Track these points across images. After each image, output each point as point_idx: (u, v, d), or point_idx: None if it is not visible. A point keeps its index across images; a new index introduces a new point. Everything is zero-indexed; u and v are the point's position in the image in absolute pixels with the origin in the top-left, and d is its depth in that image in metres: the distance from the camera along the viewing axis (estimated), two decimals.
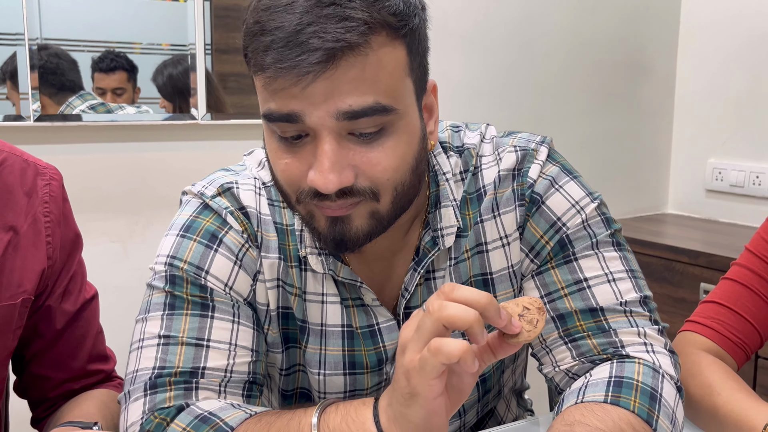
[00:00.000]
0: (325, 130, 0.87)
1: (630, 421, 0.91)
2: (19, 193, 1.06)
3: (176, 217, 1.07)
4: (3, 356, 1.04)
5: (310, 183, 0.89)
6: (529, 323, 0.79)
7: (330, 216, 0.92)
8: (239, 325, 1.02)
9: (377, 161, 0.90)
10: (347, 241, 0.94)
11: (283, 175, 0.92)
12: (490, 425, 1.28)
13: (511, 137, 1.11)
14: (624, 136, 2.92)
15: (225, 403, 0.95)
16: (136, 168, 2.02)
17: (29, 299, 1.05)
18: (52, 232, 1.08)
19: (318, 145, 0.87)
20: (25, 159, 1.09)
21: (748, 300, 1.19)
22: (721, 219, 2.90)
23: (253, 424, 0.91)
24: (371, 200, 0.92)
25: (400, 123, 0.91)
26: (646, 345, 1.01)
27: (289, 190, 0.93)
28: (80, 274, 1.15)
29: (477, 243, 1.07)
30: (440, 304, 0.75)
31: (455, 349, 0.73)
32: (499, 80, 2.58)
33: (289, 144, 0.90)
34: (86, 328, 1.15)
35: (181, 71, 2.00)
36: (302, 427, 0.86)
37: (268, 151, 0.95)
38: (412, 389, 0.77)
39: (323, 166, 0.87)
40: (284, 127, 0.89)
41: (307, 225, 0.98)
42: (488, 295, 0.76)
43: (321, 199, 0.90)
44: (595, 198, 1.07)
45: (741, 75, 2.78)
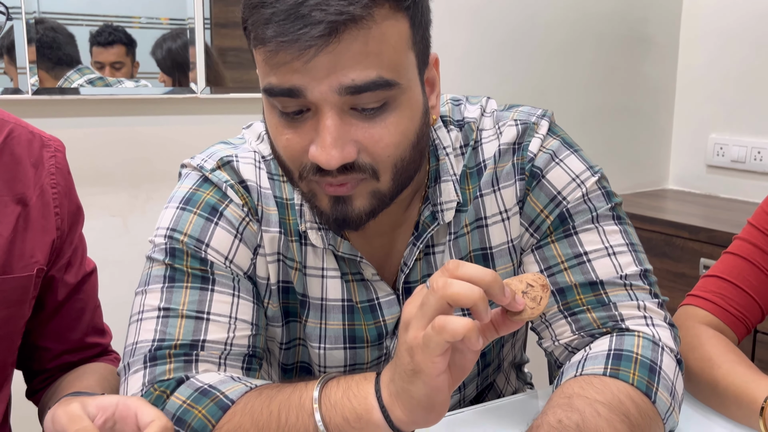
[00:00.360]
0: (327, 105, 0.86)
1: (629, 393, 0.91)
2: (27, 165, 1.06)
3: (176, 189, 1.07)
4: (20, 325, 1.05)
5: (312, 158, 0.88)
6: (533, 300, 0.78)
7: (332, 195, 0.92)
8: (239, 298, 1.01)
9: (379, 137, 0.89)
10: (349, 220, 0.93)
11: (285, 151, 0.91)
12: (489, 398, 1.29)
13: (512, 111, 1.10)
14: (625, 110, 2.91)
15: (225, 376, 0.96)
16: (135, 142, 2.02)
17: (43, 270, 1.06)
18: (59, 203, 1.08)
19: (320, 120, 0.87)
20: (31, 130, 1.09)
21: (750, 274, 1.19)
22: (721, 194, 2.90)
23: (254, 397, 0.91)
24: (372, 178, 0.91)
25: (403, 98, 0.90)
26: (646, 318, 1.01)
27: (292, 166, 0.93)
28: (81, 247, 1.16)
29: (477, 218, 1.07)
30: (444, 281, 0.75)
31: (460, 327, 0.73)
32: (501, 53, 2.57)
33: (290, 119, 0.89)
34: (85, 301, 1.16)
35: (180, 45, 1.99)
36: (303, 401, 0.86)
37: (269, 127, 0.94)
38: (416, 366, 0.76)
39: (325, 141, 0.86)
40: (285, 102, 0.88)
41: (308, 202, 0.98)
42: (492, 272, 0.75)
43: (323, 175, 0.89)
44: (595, 172, 1.06)
45: (743, 50, 2.77)
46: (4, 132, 1.05)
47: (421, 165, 0.99)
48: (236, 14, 1.99)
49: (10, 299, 1.02)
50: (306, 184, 0.93)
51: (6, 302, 1.01)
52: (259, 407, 0.89)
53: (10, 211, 1.03)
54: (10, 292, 1.01)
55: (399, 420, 0.80)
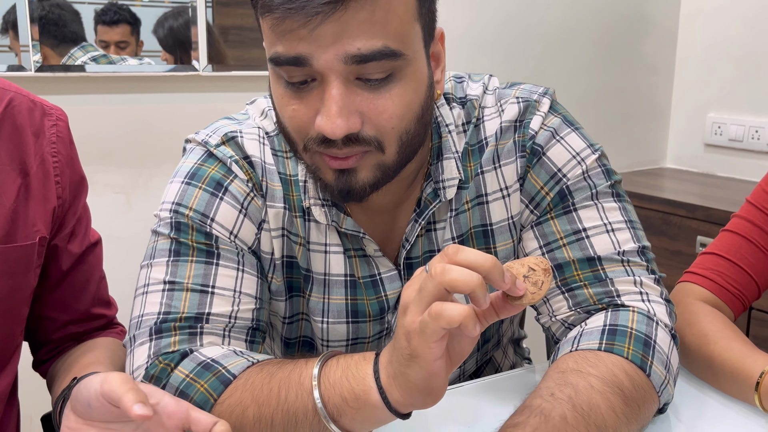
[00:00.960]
0: (333, 74, 0.86)
1: (624, 367, 0.92)
2: (28, 134, 1.06)
3: (180, 164, 1.07)
4: (26, 294, 1.06)
5: (317, 128, 0.88)
6: (534, 285, 0.76)
7: (336, 169, 0.92)
8: (243, 273, 1.02)
9: (383, 108, 0.89)
10: (354, 192, 0.94)
11: (291, 121, 0.91)
12: (487, 372, 1.30)
13: (514, 88, 1.10)
14: (624, 89, 2.91)
15: (228, 350, 0.96)
16: (138, 119, 2.02)
17: (45, 238, 1.06)
18: (60, 172, 1.08)
19: (325, 90, 0.87)
20: (32, 99, 1.08)
21: (747, 252, 1.19)
22: (719, 173, 2.90)
23: (255, 373, 0.91)
24: (377, 151, 0.91)
25: (408, 69, 0.90)
26: (642, 294, 1.02)
27: (296, 138, 0.93)
28: (86, 218, 1.16)
29: (477, 194, 1.08)
30: (443, 267, 0.73)
31: (456, 314, 0.71)
32: (501, 32, 2.56)
33: (296, 89, 0.89)
34: (90, 272, 1.16)
35: (181, 23, 1.98)
36: (303, 379, 0.86)
37: (275, 98, 0.94)
38: (413, 351, 0.75)
39: (331, 110, 0.86)
40: (291, 71, 0.87)
41: (313, 175, 0.98)
42: (492, 258, 0.73)
43: (327, 146, 0.90)
44: (596, 149, 1.07)
45: (742, 30, 2.76)
46: (5, 101, 1.04)
47: (425, 139, 1.00)
48: None
49: (15, 268, 1.02)
50: (310, 156, 0.93)
51: (10, 271, 1.01)
52: (259, 383, 0.90)
53: (12, 180, 1.02)
54: (14, 262, 1.01)
55: (396, 402, 0.79)
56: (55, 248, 1.10)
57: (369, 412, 0.81)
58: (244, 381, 0.91)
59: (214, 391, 0.91)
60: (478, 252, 0.73)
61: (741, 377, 1.02)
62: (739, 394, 1.04)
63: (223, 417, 0.90)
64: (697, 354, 1.10)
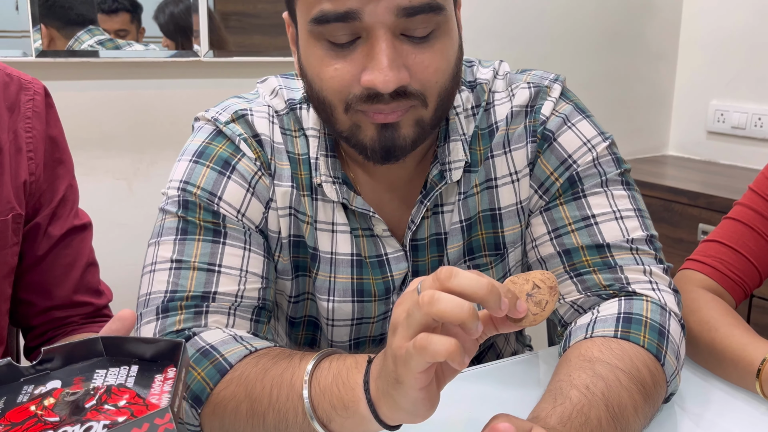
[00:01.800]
0: (382, 29, 0.87)
1: (644, 359, 0.92)
2: (2, 108, 1.04)
3: (188, 142, 1.08)
4: (5, 272, 1.04)
5: (366, 84, 0.89)
6: (537, 305, 0.72)
7: (379, 124, 0.93)
8: (250, 252, 1.03)
9: (429, 63, 0.91)
10: (395, 148, 0.94)
11: (332, 81, 0.91)
12: (488, 358, 1.31)
13: (525, 74, 1.11)
14: (627, 77, 2.90)
15: (227, 335, 0.96)
16: (139, 105, 2.02)
17: (20, 215, 1.04)
18: (34, 147, 1.06)
19: (374, 45, 0.88)
20: (8, 73, 1.07)
21: (749, 239, 1.20)
22: (721, 161, 2.90)
23: (251, 366, 0.91)
24: (420, 106, 0.93)
25: (447, 26, 0.92)
26: (652, 283, 1.02)
27: (337, 99, 0.93)
28: (71, 200, 1.14)
29: (487, 178, 1.08)
30: (431, 296, 0.67)
31: (442, 349, 0.66)
32: (505, 19, 2.56)
33: (338, 49, 0.90)
34: (74, 256, 1.14)
35: (182, 9, 1.98)
36: (294, 381, 0.85)
37: (310, 64, 0.94)
38: (398, 376, 0.71)
39: (382, 63, 0.87)
40: (336, 30, 0.88)
41: (349, 139, 0.97)
42: (489, 282, 0.68)
43: (374, 102, 0.90)
44: (606, 137, 1.08)
45: (745, 17, 2.75)
46: None
47: (453, 100, 1.01)
48: None
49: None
50: (350, 116, 0.93)
51: None
52: (253, 379, 0.90)
53: None
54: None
55: (385, 416, 0.77)
56: (35, 228, 1.08)
57: (358, 421, 0.79)
58: (240, 373, 0.91)
59: (211, 380, 0.91)
60: (472, 277, 0.68)
61: (742, 364, 1.03)
62: (741, 381, 1.04)
63: (218, 408, 0.91)
64: (699, 341, 1.10)
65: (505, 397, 1.03)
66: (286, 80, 1.12)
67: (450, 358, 0.66)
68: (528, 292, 0.72)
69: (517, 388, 1.05)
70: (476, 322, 0.67)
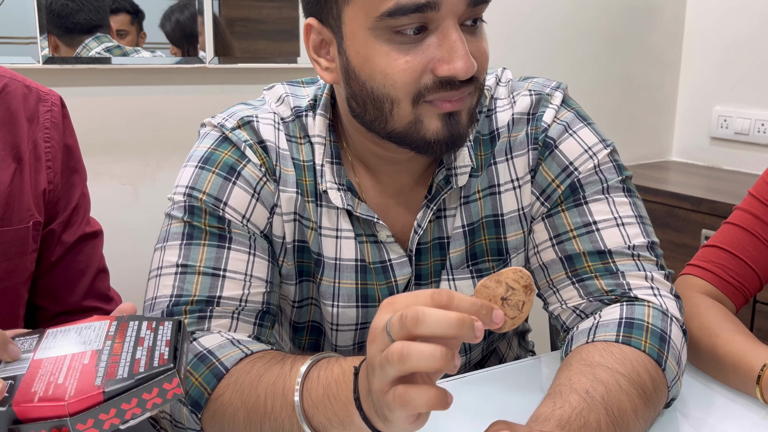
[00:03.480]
0: (452, 18, 0.90)
1: (645, 364, 0.93)
2: (22, 119, 1.06)
3: (195, 148, 1.09)
4: (24, 278, 1.07)
5: (446, 72, 0.91)
6: (514, 308, 0.69)
7: (445, 113, 0.94)
8: (255, 256, 1.04)
9: (484, 50, 0.96)
10: (456, 137, 0.97)
11: (403, 74, 0.92)
12: (491, 362, 1.31)
13: (527, 81, 1.13)
14: (631, 82, 2.91)
15: (224, 339, 0.97)
16: (145, 111, 2.03)
17: (39, 222, 1.06)
18: (52, 157, 1.09)
19: (448, 34, 0.91)
20: (27, 84, 1.09)
21: (749, 244, 1.20)
22: (724, 166, 2.90)
23: (245, 371, 0.92)
24: (474, 92, 0.97)
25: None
26: (653, 289, 1.03)
27: (404, 92, 0.93)
28: (84, 208, 1.16)
29: (490, 184, 1.09)
30: (401, 352, 0.65)
31: (422, 404, 0.66)
32: (508, 24, 2.56)
33: (407, 41, 0.91)
34: (86, 263, 1.16)
35: (187, 16, 1.99)
36: (286, 391, 0.86)
37: (371, 61, 0.94)
38: (385, 416, 0.71)
39: (460, 51, 0.90)
40: (410, 20, 0.90)
41: (405, 137, 0.97)
42: (458, 318, 0.65)
43: (448, 89, 0.93)
44: (608, 145, 1.09)
45: (748, 24, 2.75)
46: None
47: None
48: None
49: (11, 251, 1.03)
50: (416, 110, 0.94)
51: (8, 253, 1.03)
52: (248, 386, 0.90)
53: (6, 165, 1.03)
54: (10, 244, 1.03)
55: (381, 428, 0.75)
56: (50, 234, 1.10)
57: (356, 430, 0.78)
58: (235, 379, 0.92)
59: (208, 385, 0.92)
60: (440, 315, 0.65)
61: (743, 370, 1.03)
62: (741, 387, 1.04)
63: (218, 414, 0.92)
64: (699, 346, 1.10)
65: (508, 402, 1.03)
66: (292, 87, 1.13)
67: (433, 408, 0.66)
68: (502, 296, 0.69)
69: (519, 392, 1.06)
70: (451, 362, 0.65)
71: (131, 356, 0.71)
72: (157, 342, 0.74)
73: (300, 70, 2.17)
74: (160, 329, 0.77)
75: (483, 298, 0.69)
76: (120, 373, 0.68)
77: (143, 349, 0.72)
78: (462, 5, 0.90)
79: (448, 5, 0.89)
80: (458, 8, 0.90)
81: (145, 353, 0.72)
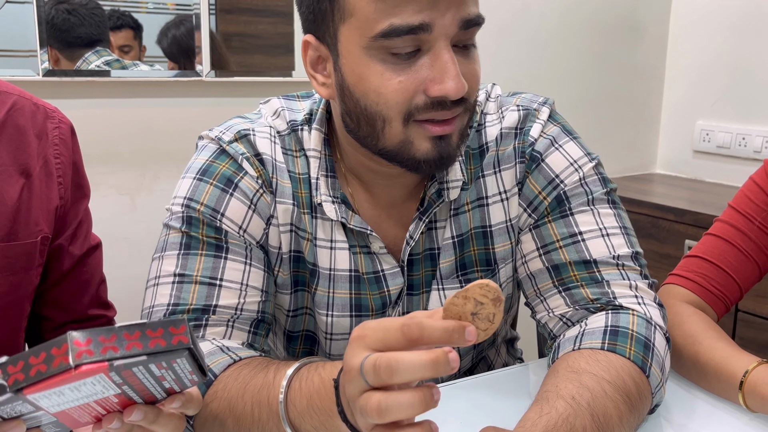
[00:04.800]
0: (445, 40, 0.92)
1: (630, 371, 0.94)
2: (31, 136, 1.07)
3: (192, 160, 1.10)
4: (28, 291, 1.07)
5: (438, 93, 0.92)
6: (485, 320, 0.67)
7: (435, 135, 0.95)
8: (251, 266, 1.05)
9: (475, 71, 0.97)
10: (446, 158, 0.98)
11: (396, 94, 0.93)
12: (480, 369, 1.32)
13: (515, 97, 1.15)
14: (616, 97, 2.92)
15: (214, 347, 0.99)
16: (143, 123, 2.04)
17: (47, 237, 1.07)
18: (63, 173, 1.10)
19: (440, 55, 0.92)
20: (35, 102, 1.10)
21: (729, 255, 1.21)
22: (707, 179, 2.92)
23: (233, 378, 0.93)
24: (464, 113, 0.98)
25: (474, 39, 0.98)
26: (638, 297, 1.04)
27: (397, 111, 0.94)
28: (87, 222, 1.17)
29: (478, 197, 1.11)
30: (378, 407, 0.64)
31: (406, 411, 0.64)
32: (495, 40, 2.59)
33: (401, 61, 0.93)
34: (91, 273, 1.17)
35: (183, 32, 2.01)
36: (271, 401, 0.87)
37: (365, 79, 0.95)
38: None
39: (452, 72, 0.91)
40: (404, 42, 0.91)
41: (396, 155, 0.99)
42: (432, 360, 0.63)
43: (438, 109, 0.94)
44: (593, 158, 1.11)
45: (730, 40, 2.78)
46: (8, 104, 1.06)
47: None
48: (240, 0, 2.03)
49: (16, 266, 1.04)
50: (407, 130, 0.95)
51: (12, 268, 1.03)
52: (235, 394, 0.91)
53: (14, 181, 1.04)
54: (16, 259, 1.03)
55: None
56: (58, 248, 1.11)
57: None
58: (223, 386, 0.93)
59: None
60: (413, 362, 0.63)
61: (725, 377, 1.04)
62: (724, 393, 1.05)
63: (207, 422, 0.93)
64: (682, 353, 1.11)
65: (496, 408, 1.04)
66: (288, 101, 1.15)
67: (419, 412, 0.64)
68: (472, 311, 0.67)
69: (507, 398, 1.07)
70: (430, 403, 0.64)
71: None
72: None
73: (294, 83, 2.19)
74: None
75: (453, 315, 0.67)
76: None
77: None
78: (454, 27, 0.91)
79: (440, 27, 0.90)
80: (450, 30, 0.91)
81: None
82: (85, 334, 0.61)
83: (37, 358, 0.61)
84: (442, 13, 0.90)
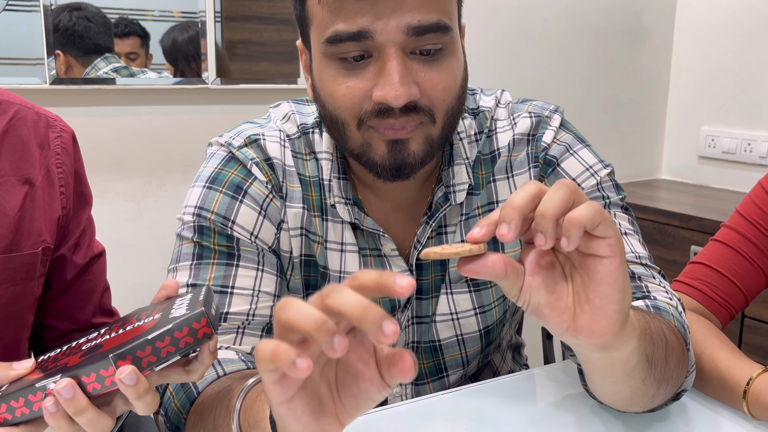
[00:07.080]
0: (393, 47, 0.91)
1: (673, 330, 0.93)
2: (33, 145, 1.07)
3: (202, 168, 1.11)
4: (30, 302, 1.07)
5: (378, 99, 0.92)
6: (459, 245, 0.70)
7: (390, 140, 0.96)
8: (263, 272, 1.06)
9: (437, 80, 0.95)
10: (405, 166, 0.98)
11: (345, 99, 0.95)
12: (485, 375, 1.32)
13: (526, 104, 1.16)
14: (621, 103, 2.93)
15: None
16: (149, 130, 2.05)
17: (49, 248, 1.07)
18: (65, 182, 1.09)
19: (385, 62, 0.92)
20: (37, 111, 1.10)
21: (734, 262, 1.20)
22: (712, 185, 2.92)
23: (209, 397, 0.92)
24: (429, 123, 0.96)
25: (453, 46, 0.96)
26: (668, 292, 1.04)
27: (349, 116, 0.96)
28: (90, 230, 1.17)
29: (489, 201, 1.12)
30: (284, 301, 0.62)
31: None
32: (499, 47, 2.60)
33: (351, 67, 0.94)
34: (94, 282, 1.17)
35: (186, 38, 2.02)
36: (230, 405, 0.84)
37: (323, 83, 0.97)
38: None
39: (393, 79, 0.91)
40: (349, 48, 0.92)
41: (360, 157, 1.00)
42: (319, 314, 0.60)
43: (385, 117, 0.94)
44: (606, 165, 1.12)
45: (735, 45, 2.78)
46: (10, 113, 1.06)
47: (459, 120, 1.04)
48: (246, 8, 2.04)
49: (18, 276, 1.03)
50: (362, 133, 0.97)
51: (14, 279, 1.03)
52: (207, 413, 0.89)
53: (16, 191, 1.04)
54: (18, 269, 1.03)
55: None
56: (60, 258, 1.11)
57: None
58: (199, 403, 0.93)
59: (183, 409, 0.95)
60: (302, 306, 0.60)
61: (729, 385, 1.04)
62: (727, 401, 1.05)
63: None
64: None
65: (501, 414, 1.04)
66: (298, 106, 1.16)
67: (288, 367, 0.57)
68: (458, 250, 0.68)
69: (512, 405, 1.06)
70: (329, 337, 0.58)
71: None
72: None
73: (300, 90, 2.20)
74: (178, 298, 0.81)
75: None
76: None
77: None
78: (400, 35, 0.90)
79: (384, 34, 0.90)
80: (396, 37, 0.90)
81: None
82: (125, 351, 0.70)
83: None
84: (384, 20, 0.90)
